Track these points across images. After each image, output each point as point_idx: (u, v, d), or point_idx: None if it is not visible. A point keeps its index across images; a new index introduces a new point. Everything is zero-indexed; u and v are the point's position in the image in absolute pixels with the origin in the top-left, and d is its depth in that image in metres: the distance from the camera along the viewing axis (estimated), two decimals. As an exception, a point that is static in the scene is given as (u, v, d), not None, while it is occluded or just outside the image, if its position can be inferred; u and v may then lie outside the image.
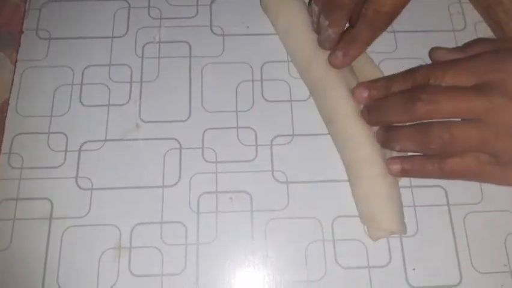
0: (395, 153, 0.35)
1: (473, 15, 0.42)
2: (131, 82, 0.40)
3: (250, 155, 0.37)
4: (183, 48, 0.41)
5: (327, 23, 0.35)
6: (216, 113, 0.39)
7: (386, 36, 0.41)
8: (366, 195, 0.34)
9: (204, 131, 0.38)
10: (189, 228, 0.35)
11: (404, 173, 0.34)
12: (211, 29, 0.42)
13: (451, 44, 0.41)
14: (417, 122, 0.33)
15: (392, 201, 0.34)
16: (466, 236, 0.35)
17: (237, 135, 0.38)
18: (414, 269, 0.34)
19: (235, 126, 0.38)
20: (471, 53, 0.34)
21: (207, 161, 0.37)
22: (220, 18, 0.42)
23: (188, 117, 0.38)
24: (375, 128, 0.35)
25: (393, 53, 0.41)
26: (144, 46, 0.41)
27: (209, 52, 0.41)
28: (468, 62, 0.32)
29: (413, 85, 0.33)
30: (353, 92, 0.35)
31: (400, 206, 0.34)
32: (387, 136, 0.34)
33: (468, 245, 0.35)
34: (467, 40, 0.41)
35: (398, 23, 0.41)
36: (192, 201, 0.36)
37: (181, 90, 0.39)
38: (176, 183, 0.36)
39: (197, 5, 0.42)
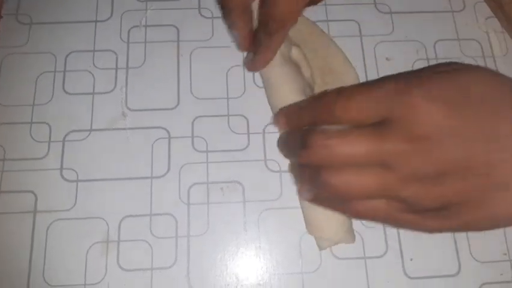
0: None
1: (473, -6, 0.41)
2: (116, 68, 0.38)
3: (242, 143, 0.36)
4: (171, 32, 0.39)
5: (227, 26, 0.36)
6: (205, 100, 0.37)
7: (382, 18, 0.40)
8: (309, 205, 0.32)
9: (194, 119, 0.37)
10: (179, 220, 0.34)
11: (315, 202, 0.31)
12: (199, 12, 0.40)
13: (450, 25, 0.40)
14: None
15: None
16: (465, 225, 0.34)
17: (228, 123, 0.37)
18: (411, 260, 0.34)
19: (226, 113, 0.37)
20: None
21: (197, 151, 0.36)
22: (209, 0, 0.40)
23: (177, 105, 0.37)
24: None
25: (390, 35, 0.39)
26: (130, 30, 0.39)
27: (198, 36, 0.39)
28: (376, 89, 0.27)
29: (319, 114, 0.29)
30: (274, 120, 0.33)
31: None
32: (292, 171, 0.35)
33: (467, 234, 0.34)
34: (465, 21, 0.40)
35: (394, 4, 0.40)
36: (182, 193, 0.35)
37: (169, 76, 0.38)
38: (166, 173, 0.35)
39: (185, -13, 0.41)
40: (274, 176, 0.35)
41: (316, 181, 0.28)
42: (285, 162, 0.35)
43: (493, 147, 0.24)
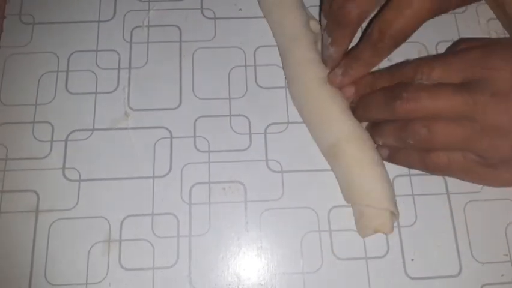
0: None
1: (475, -4, 0.41)
2: (119, 68, 0.38)
3: (244, 143, 0.36)
4: (173, 33, 0.39)
5: (329, 40, 0.34)
6: (207, 100, 0.37)
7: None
8: (361, 171, 0.33)
9: (196, 119, 0.37)
10: (181, 220, 0.34)
11: (391, 160, 0.35)
12: (202, 12, 0.40)
13: (451, 27, 0.40)
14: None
15: (386, 179, 0.33)
16: (466, 225, 0.34)
17: (230, 123, 0.37)
18: (413, 260, 0.34)
19: (228, 114, 0.37)
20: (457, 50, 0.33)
21: (198, 150, 0.36)
22: (212, 0, 0.40)
23: (179, 105, 0.37)
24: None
25: (391, 36, 0.39)
26: (132, 30, 0.39)
27: (200, 36, 0.39)
28: (455, 57, 0.31)
29: (398, 81, 0.32)
30: (341, 88, 0.35)
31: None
32: (371, 131, 0.34)
33: (468, 235, 0.34)
34: (467, 23, 0.40)
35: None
36: (183, 192, 0.35)
37: (171, 76, 0.38)
38: (168, 173, 0.35)
39: (187, -13, 0.41)
40: (275, 176, 0.35)
41: (404, 132, 0.31)
42: (286, 163, 0.36)
43: None
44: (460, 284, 0.33)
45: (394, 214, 0.32)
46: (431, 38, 0.39)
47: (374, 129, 0.34)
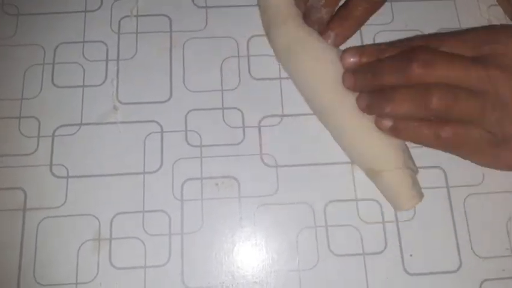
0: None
1: (476, -19, 0.40)
2: (107, 60, 0.37)
3: (237, 137, 0.35)
4: (163, 22, 0.38)
5: (322, 2, 0.34)
6: (199, 93, 0.36)
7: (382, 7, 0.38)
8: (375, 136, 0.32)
9: (187, 113, 0.36)
10: (173, 217, 0.33)
11: (395, 132, 0.32)
12: (192, 1, 0.39)
13: (451, 14, 0.39)
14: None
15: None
16: (466, 220, 0.34)
17: (223, 117, 0.36)
18: (411, 255, 0.33)
19: (221, 106, 0.36)
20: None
21: (190, 145, 0.35)
22: (203, -12, 0.39)
23: (170, 98, 0.36)
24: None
25: (389, 24, 0.38)
26: (120, 20, 0.38)
27: (191, 26, 0.38)
28: (463, 34, 0.32)
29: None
30: (341, 56, 0.33)
31: None
32: (376, 97, 0.31)
33: (468, 229, 0.33)
34: (467, 9, 0.39)
35: (394, -9, 0.39)
36: (175, 188, 0.34)
37: (161, 68, 0.37)
38: (158, 169, 0.34)
39: (177, -25, 0.39)
40: (270, 170, 0.34)
41: (424, 97, 0.30)
42: (281, 157, 0.35)
43: None
44: (460, 280, 0.32)
45: None
46: (430, 25, 0.38)
47: (380, 94, 0.31)
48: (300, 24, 0.35)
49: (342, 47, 0.35)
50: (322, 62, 0.34)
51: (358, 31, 0.38)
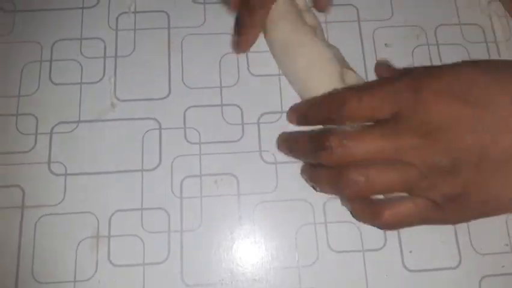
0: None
1: (476, -23, 0.39)
2: (104, 57, 0.37)
3: (236, 134, 0.35)
4: (161, 19, 0.38)
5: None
6: (198, 90, 0.36)
7: (381, 2, 0.38)
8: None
9: (186, 110, 0.35)
10: (172, 214, 0.33)
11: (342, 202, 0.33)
12: (191, -3, 0.38)
13: (451, 10, 0.38)
14: None
15: None
16: (466, 216, 0.33)
17: (222, 113, 0.35)
18: (411, 252, 0.33)
19: (220, 103, 0.36)
20: (397, 74, 0.31)
21: (189, 142, 0.35)
22: (201, -16, 0.39)
23: (168, 95, 0.36)
24: None
25: (389, 20, 0.38)
26: (118, 17, 0.38)
27: (189, 22, 0.38)
28: (385, 87, 0.29)
29: (328, 113, 0.30)
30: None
31: None
32: (308, 175, 0.32)
33: (468, 225, 0.33)
34: (468, 5, 0.39)
35: (394, -13, 0.39)
36: (174, 186, 0.34)
37: (160, 65, 0.36)
38: (157, 166, 0.34)
39: (175, -29, 0.39)
40: (269, 167, 0.34)
41: (339, 181, 0.28)
42: (281, 154, 0.34)
43: (498, 128, 0.26)
44: (460, 276, 0.32)
45: None
46: (430, 21, 0.38)
47: (310, 174, 0.32)
48: (297, 21, 0.34)
49: (341, 47, 0.35)
50: (318, 60, 0.33)
51: (357, 28, 0.38)
